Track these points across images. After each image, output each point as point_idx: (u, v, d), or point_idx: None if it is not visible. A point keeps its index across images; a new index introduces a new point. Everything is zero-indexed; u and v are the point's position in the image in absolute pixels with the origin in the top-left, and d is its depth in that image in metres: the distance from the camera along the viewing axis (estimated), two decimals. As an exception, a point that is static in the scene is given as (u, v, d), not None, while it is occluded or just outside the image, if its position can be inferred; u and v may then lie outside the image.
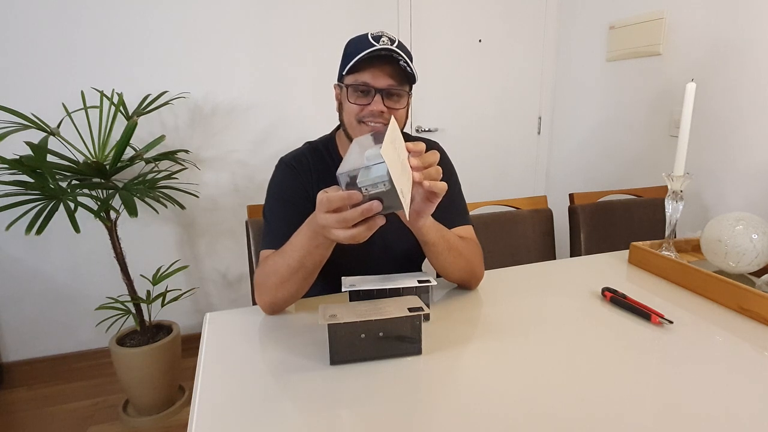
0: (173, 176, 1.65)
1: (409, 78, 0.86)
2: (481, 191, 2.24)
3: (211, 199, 1.91)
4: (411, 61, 0.85)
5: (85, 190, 1.43)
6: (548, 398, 0.59)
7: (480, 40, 2.14)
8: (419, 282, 0.78)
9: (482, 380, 0.64)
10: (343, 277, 0.79)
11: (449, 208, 0.91)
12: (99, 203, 1.43)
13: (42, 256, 1.76)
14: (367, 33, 0.85)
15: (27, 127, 1.34)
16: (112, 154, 1.40)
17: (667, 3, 1.61)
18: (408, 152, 0.66)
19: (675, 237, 1.06)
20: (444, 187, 0.67)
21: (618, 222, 1.45)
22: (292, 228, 0.78)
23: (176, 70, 1.76)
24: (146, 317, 1.62)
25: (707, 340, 0.74)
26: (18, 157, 1.27)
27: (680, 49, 1.59)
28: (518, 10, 2.16)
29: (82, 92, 1.60)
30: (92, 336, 1.86)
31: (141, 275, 1.71)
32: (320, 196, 0.63)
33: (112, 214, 1.50)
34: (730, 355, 0.69)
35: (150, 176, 1.56)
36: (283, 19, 1.84)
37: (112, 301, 1.58)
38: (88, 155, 1.54)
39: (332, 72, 0.95)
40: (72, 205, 1.32)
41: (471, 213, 1.04)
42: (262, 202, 0.96)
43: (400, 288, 0.76)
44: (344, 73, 0.85)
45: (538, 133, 2.35)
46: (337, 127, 0.98)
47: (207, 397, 0.60)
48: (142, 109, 1.54)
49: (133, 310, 1.58)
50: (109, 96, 1.59)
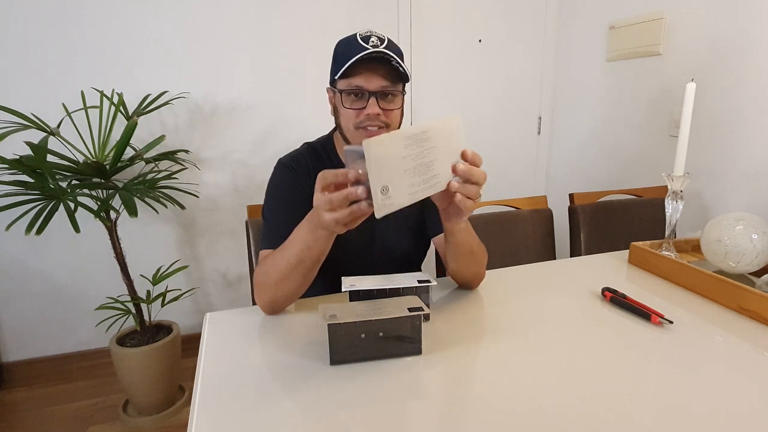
0: (173, 176, 1.65)
1: (402, 77, 0.85)
2: (482, 191, 2.23)
3: (211, 199, 1.91)
4: (402, 59, 0.84)
5: (85, 190, 1.43)
6: (548, 398, 0.59)
7: (480, 40, 2.14)
8: (419, 282, 0.78)
9: (482, 380, 0.64)
10: (343, 277, 0.79)
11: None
12: (99, 203, 1.43)
13: (42, 256, 1.76)
14: (356, 33, 0.84)
15: (27, 127, 1.34)
16: (112, 154, 1.40)
17: (667, 3, 1.61)
18: (464, 158, 0.66)
19: (675, 237, 1.06)
20: (472, 208, 0.69)
21: (618, 222, 1.45)
22: (291, 228, 0.78)
23: (176, 70, 1.76)
24: (146, 317, 1.62)
25: (707, 340, 0.74)
26: (18, 157, 1.27)
27: (680, 49, 1.59)
28: (518, 10, 2.16)
29: (82, 92, 1.60)
30: (92, 336, 1.86)
31: (141, 275, 1.71)
32: (319, 174, 0.65)
33: (112, 214, 1.50)
34: (730, 355, 0.69)
35: (150, 176, 1.56)
36: (283, 19, 1.84)
37: (112, 301, 1.58)
38: (88, 155, 1.54)
39: (332, 72, 0.95)
40: (72, 205, 1.32)
41: (471, 213, 1.05)
42: (262, 202, 0.96)
43: (400, 288, 0.76)
44: (336, 77, 0.85)
45: (538, 133, 2.35)
46: (335, 128, 0.98)
47: (207, 397, 0.60)
48: (142, 109, 1.54)
49: (133, 310, 1.58)
50: (109, 96, 1.59)
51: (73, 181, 1.39)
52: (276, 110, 1.91)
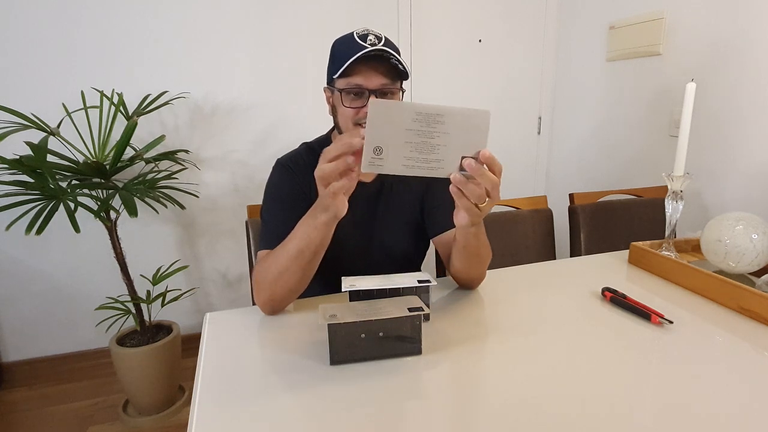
0: (173, 176, 1.65)
1: (401, 74, 0.85)
2: None
3: (211, 199, 1.91)
4: (399, 56, 0.84)
5: (85, 190, 1.43)
6: (548, 398, 0.59)
7: (480, 40, 2.14)
8: (419, 282, 0.77)
9: (482, 380, 0.64)
10: (343, 277, 0.79)
11: (450, 208, 0.92)
12: (99, 203, 1.43)
13: (42, 256, 1.76)
14: (353, 32, 0.84)
15: (27, 127, 1.34)
16: (112, 154, 1.40)
17: (667, 3, 1.61)
18: (481, 157, 0.63)
19: (675, 237, 1.06)
20: (475, 213, 0.69)
21: (618, 222, 1.45)
22: (290, 228, 0.78)
23: (176, 70, 1.76)
24: (146, 317, 1.62)
25: (707, 340, 0.74)
26: (18, 157, 1.27)
27: (680, 49, 1.59)
28: (518, 10, 2.16)
29: (82, 92, 1.60)
30: (92, 336, 1.86)
31: (141, 275, 1.71)
32: (324, 149, 0.66)
33: (112, 214, 1.50)
34: (730, 355, 0.69)
35: (150, 176, 1.56)
36: (283, 19, 1.84)
37: (112, 301, 1.58)
38: (88, 155, 1.54)
39: (332, 72, 0.95)
40: (72, 205, 1.32)
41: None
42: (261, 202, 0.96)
43: (400, 288, 0.76)
44: (335, 76, 0.84)
45: (538, 133, 2.35)
46: (333, 128, 0.98)
47: (207, 397, 0.60)
48: (142, 109, 1.54)
49: (133, 310, 1.58)
50: (109, 96, 1.59)
51: (73, 181, 1.39)
52: (276, 110, 1.91)
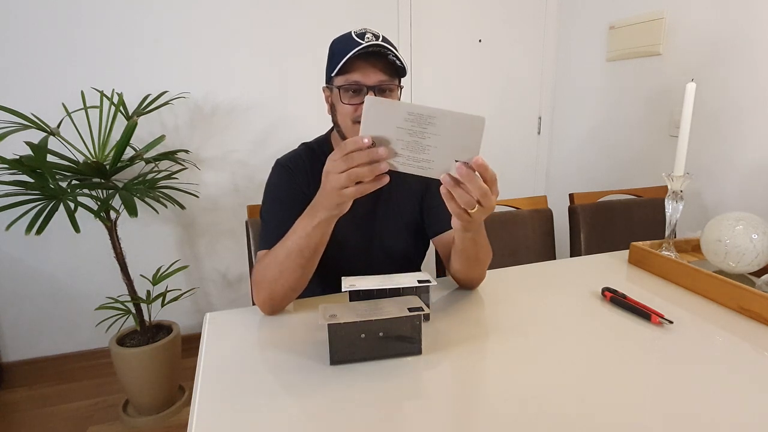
0: (173, 176, 1.65)
1: (399, 71, 0.85)
2: None
3: (211, 199, 1.91)
4: (398, 52, 0.84)
5: (85, 190, 1.43)
6: (548, 398, 0.59)
7: (480, 40, 2.14)
8: (419, 282, 0.77)
9: (482, 380, 0.64)
10: (343, 277, 0.79)
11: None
12: (99, 203, 1.43)
13: (42, 256, 1.76)
14: (350, 31, 0.84)
15: (27, 127, 1.34)
16: (112, 154, 1.40)
17: (667, 3, 1.61)
18: (474, 164, 0.62)
19: (675, 237, 1.06)
20: (466, 220, 0.67)
21: (618, 222, 1.45)
22: (289, 228, 0.78)
23: (176, 70, 1.76)
24: (146, 317, 1.61)
25: (707, 340, 0.74)
26: (18, 157, 1.27)
27: (680, 49, 1.59)
28: (518, 10, 2.16)
29: (82, 92, 1.60)
30: (92, 336, 1.86)
31: (141, 275, 1.71)
32: (342, 143, 0.65)
33: (112, 214, 1.50)
34: (730, 355, 0.69)
35: (150, 176, 1.56)
36: (283, 19, 1.83)
37: (112, 301, 1.58)
38: (88, 155, 1.54)
39: (332, 72, 0.95)
40: (72, 205, 1.32)
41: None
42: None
43: (400, 288, 0.76)
44: (333, 74, 0.84)
45: (538, 133, 2.35)
46: (332, 128, 0.98)
47: (207, 397, 0.60)
48: (142, 109, 1.54)
49: (133, 310, 1.58)
50: (109, 96, 1.59)
51: (73, 181, 1.39)
52: (276, 110, 1.91)
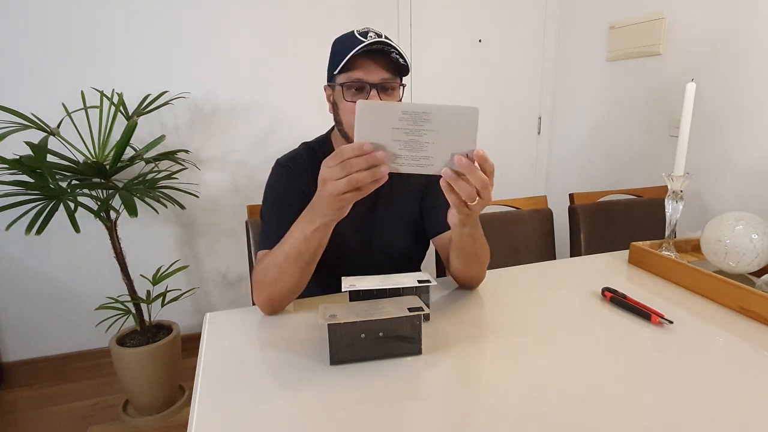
0: (173, 176, 1.65)
1: (401, 69, 0.85)
2: None
3: (211, 199, 1.91)
4: (400, 50, 0.84)
5: (85, 190, 1.43)
6: (548, 398, 0.59)
7: (480, 40, 2.14)
8: (419, 282, 0.77)
9: (482, 380, 0.64)
10: (343, 277, 0.79)
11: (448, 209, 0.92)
12: (99, 203, 1.43)
13: (42, 256, 1.76)
14: (353, 30, 0.84)
15: (27, 127, 1.34)
16: (112, 154, 1.40)
17: (667, 3, 1.61)
18: (470, 156, 0.62)
19: (675, 237, 1.06)
20: (465, 213, 0.68)
21: (618, 222, 1.45)
22: (289, 229, 0.78)
23: (176, 70, 1.76)
24: (146, 317, 1.61)
25: (707, 340, 0.74)
26: (18, 157, 1.27)
27: (680, 49, 1.59)
28: (518, 10, 2.16)
29: (82, 92, 1.60)
30: (92, 336, 1.86)
31: (141, 275, 1.71)
32: (337, 149, 0.64)
33: (112, 214, 1.50)
34: (730, 355, 0.69)
35: (150, 176, 1.56)
36: (283, 19, 1.83)
37: (112, 301, 1.58)
38: (88, 155, 1.54)
39: (332, 72, 0.95)
40: (72, 205, 1.32)
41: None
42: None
43: (400, 288, 0.76)
44: (336, 72, 0.84)
45: (538, 133, 2.35)
46: (333, 127, 0.98)
47: (207, 397, 0.60)
48: (142, 109, 1.54)
49: (133, 310, 1.58)
50: (109, 96, 1.59)
51: (73, 181, 1.39)
52: (276, 110, 1.91)
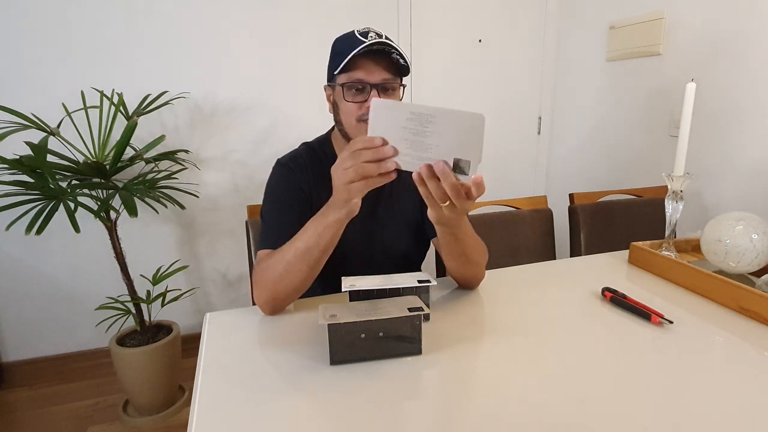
0: (173, 176, 1.65)
1: (402, 70, 0.85)
2: None
3: (211, 199, 1.91)
4: (401, 51, 0.84)
5: (85, 190, 1.43)
6: (548, 398, 0.59)
7: (480, 40, 2.14)
8: (419, 282, 0.77)
9: (482, 380, 0.64)
10: (343, 277, 0.79)
11: None
12: (99, 203, 1.43)
13: (42, 256, 1.76)
14: (353, 30, 0.84)
15: (27, 127, 1.34)
16: (112, 154, 1.40)
17: (667, 3, 1.61)
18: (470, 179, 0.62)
19: (675, 237, 1.06)
20: (438, 215, 0.67)
21: (618, 222, 1.45)
22: (290, 228, 0.78)
23: (176, 70, 1.76)
24: (146, 317, 1.61)
25: (707, 340, 0.74)
26: (18, 157, 1.27)
27: (680, 49, 1.59)
28: (518, 10, 2.16)
29: (82, 92, 1.60)
30: (92, 336, 1.86)
31: (141, 275, 1.71)
32: (352, 141, 0.67)
33: (112, 214, 1.50)
34: (730, 355, 0.69)
35: (150, 176, 1.56)
36: (283, 19, 1.83)
37: (112, 301, 1.58)
38: (88, 155, 1.54)
39: (332, 72, 0.95)
40: (72, 205, 1.32)
41: (471, 213, 1.04)
42: (262, 202, 0.96)
43: (400, 288, 0.76)
44: (336, 72, 0.84)
45: (538, 133, 2.35)
46: (333, 127, 0.98)
47: (207, 397, 0.60)
48: (142, 109, 1.54)
49: (133, 310, 1.58)
50: (109, 96, 1.59)
51: (73, 181, 1.39)
52: (276, 110, 1.91)
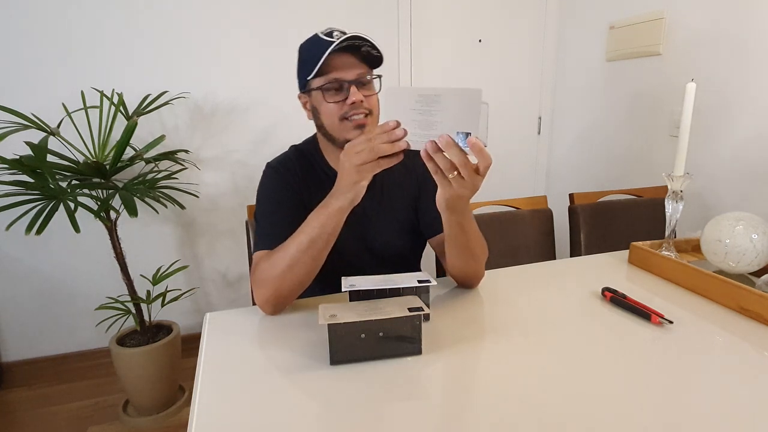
0: (173, 176, 1.65)
1: (375, 60, 0.86)
2: (481, 191, 2.17)
3: (211, 199, 1.91)
4: (372, 41, 0.83)
5: (85, 190, 1.43)
6: (548, 398, 0.59)
7: (480, 40, 2.14)
8: (419, 282, 0.77)
9: (482, 380, 0.64)
10: (343, 277, 0.79)
11: None
12: (99, 203, 1.43)
13: (42, 256, 1.76)
14: (316, 33, 0.84)
15: (27, 127, 1.34)
16: (112, 154, 1.40)
17: (667, 3, 1.61)
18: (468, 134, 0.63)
19: (675, 237, 1.06)
20: (446, 190, 0.69)
21: (618, 222, 1.45)
22: (285, 228, 0.78)
23: (176, 70, 1.76)
24: (146, 317, 1.61)
25: (707, 340, 0.74)
26: (18, 157, 1.27)
27: (680, 49, 1.59)
28: (518, 10, 2.16)
29: (82, 92, 1.60)
30: (92, 336, 1.86)
31: (141, 275, 1.71)
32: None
33: (112, 214, 1.50)
34: (730, 355, 0.69)
35: (150, 176, 1.56)
36: (283, 19, 1.83)
37: (112, 301, 1.58)
38: (88, 155, 1.54)
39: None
40: (72, 205, 1.32)
41: (471, 213, 1.04)
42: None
43: (400, 288, 0.76)
44: (310, 77, 0.84)
45: (538, 133, 2.35)
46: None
47: (207, 397, 0.60)
48: (142, 109, 1.54)
49: (133, 310, 1.58)
50: (109, 96, 1.59)
51: (73, 181, 1.39)
52: (276, 110, 1.91)
